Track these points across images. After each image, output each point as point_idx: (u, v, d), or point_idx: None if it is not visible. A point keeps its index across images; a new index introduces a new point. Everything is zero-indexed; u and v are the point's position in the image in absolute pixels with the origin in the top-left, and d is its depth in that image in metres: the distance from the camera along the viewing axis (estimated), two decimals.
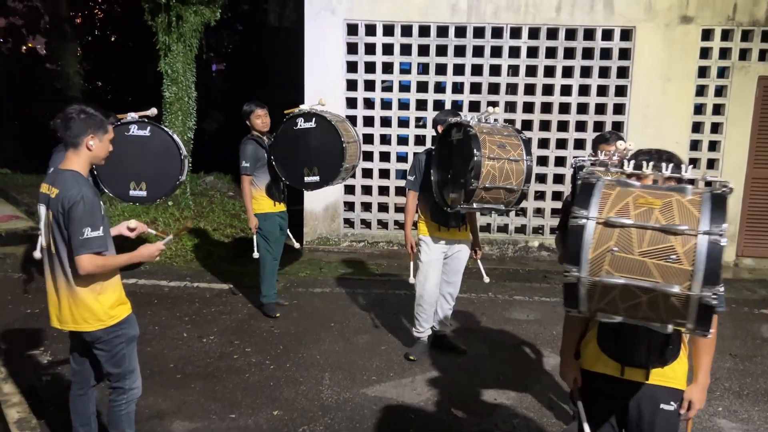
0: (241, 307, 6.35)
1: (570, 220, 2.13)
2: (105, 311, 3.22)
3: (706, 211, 2.05)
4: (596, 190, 2.19)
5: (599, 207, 2.14)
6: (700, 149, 8.55)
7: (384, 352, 5.39)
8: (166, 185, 5.01)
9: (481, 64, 8.43)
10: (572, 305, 2.19)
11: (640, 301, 2.07)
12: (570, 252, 2.12)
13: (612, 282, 2.07)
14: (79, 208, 3.04)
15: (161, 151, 4.91)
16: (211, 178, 11.38)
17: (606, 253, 2.08)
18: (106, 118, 3.29)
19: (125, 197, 5.06)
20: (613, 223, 2.09)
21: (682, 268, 2.00)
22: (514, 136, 4.52)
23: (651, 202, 2.11)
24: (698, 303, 2.00)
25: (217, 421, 4.20)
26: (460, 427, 4.25)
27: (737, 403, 4.71)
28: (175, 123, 9.06)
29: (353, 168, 5.95)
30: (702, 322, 2.04)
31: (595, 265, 2.09)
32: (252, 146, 5.86)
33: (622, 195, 2.17)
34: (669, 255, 2.02)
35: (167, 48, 8.95)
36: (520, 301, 6.83)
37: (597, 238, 2.10)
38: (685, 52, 8.26)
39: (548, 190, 8.67)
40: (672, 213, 2.07)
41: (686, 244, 2.01)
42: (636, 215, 2.09)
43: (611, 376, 2.65)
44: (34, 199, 10.26)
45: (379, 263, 8.06)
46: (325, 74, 8.43)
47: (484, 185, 4.25)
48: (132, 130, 4.88)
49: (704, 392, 2.70)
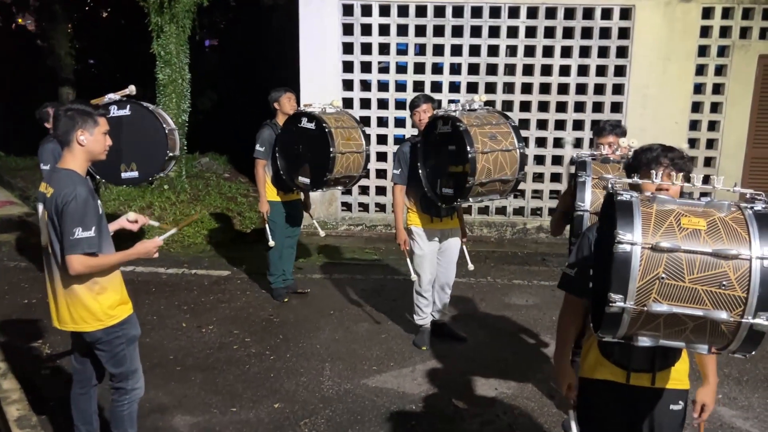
0: (239, 295, 6.33)
1: (615, 245, 2.00)
2: (104, 311, 3.18)
3: (755, 232, 1.97)
4: (635, 209, 2.05)
5: (643, 230, 2.01)
6: (699, 129, 8.50)
7: (384, 340, 5.38)
8: (156, 162, 4.95)
9: (479, 44, 8.33)
10: (610, 332, 2.10)
11: (686, 327, 2.01)
12: (616, 279, 2.00)
13: (660, 311, 1.98)
14: (71, 208, 2.98)
15: (145, 127, 4.86)
16: (206, 159, 11.28)
17: (654, 281, 1.98)
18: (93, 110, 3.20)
19: (118, 180, 5.01)
20: (662, 248, 1.98)
21: (735, 295, 1.93)
22: (503, 124, 4.46)
23: (695, 222, 2.00)
24: (749, 329, 1.95)
25: (218, 415, 4.20)
26: (461, 418, 4.25)
27: (737, 390, 4.72)
28: (169, 105, 8.97)
29: (349, 179, 5.68)
30: (748, 346, 2.00)
31: (642, 293, 1.99)
32: (268, 131, 5.84)
33: (663, 214, 2.05)
34: (721, 281, 1.94)
35: (160, 29, 8.82)
36: (519, 286, 6.83)
37: (644, 265, 1.98)
38: (686, 30, 8.17)
39: (547, 172, 8.62)
40: (720, 235, 1.98)
41: (739, 270, 1.94)
42: (683, 238, 1.98)
43: (615, 383, 2.61)
44: (28, 183, 10.21)
45: (377, 247, 8.04)
46: (321, 56, 8.31)
47: (480, 181, 4.20)
48: (112, 111, 4.81)
49: (715, 392, 2.69)
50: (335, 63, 8.37)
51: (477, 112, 4.51)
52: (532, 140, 8.52)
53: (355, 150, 5.48)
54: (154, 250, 3.28)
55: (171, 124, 5.03)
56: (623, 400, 2.64)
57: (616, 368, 2.61)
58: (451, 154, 4.44)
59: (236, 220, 8.75)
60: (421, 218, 5.08)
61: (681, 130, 8.38)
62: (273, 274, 6.12)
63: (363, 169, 5.67)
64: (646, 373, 2.57)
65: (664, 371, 2.58)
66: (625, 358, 2.57)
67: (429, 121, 4.73)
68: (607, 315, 2.04)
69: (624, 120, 8.36)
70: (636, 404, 2.63)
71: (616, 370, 2.61)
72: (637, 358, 2.55)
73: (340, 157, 5.31)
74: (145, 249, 3.26)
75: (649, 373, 2.57)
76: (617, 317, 2.03)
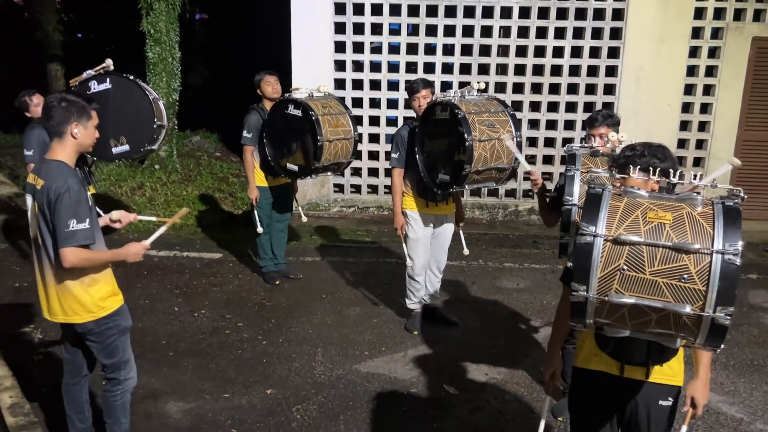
0: (231, 278, 6.33)
1: (578, 237, 2.07)
2: (95, 303, 3.18)
3: (720, 227, 1.99)
4: (603, 202, 2.10)
5: (607, 222, 2.06)
6: (692, 111, 8.49)
7: (376, 325, 5.41)
8: (145, 131, 4.91)
9: (473, 25, 8.25)
10: (578, 321, 2.15)
11: (650, 319, 2.04)
12: (578, 270, 2.06)
13: (621, 302, 2.02)
14: (65, 200, 2.97)
15: (129, 98, 4.82)
16: (197, 137, 11.19)
17: (615, 272, 2.02)
18: (88, 103, 3.18)
19: (110, 156, 4.96)
20: (623, 241, 2.02)
21: (695, 288, 1.96)
22: (501, 112, 4.45)
23: (662, 216, 2.03)
24: (710, 323, 1.97)
25: (211, 401, 4.23)
26: (452, 403, 4.30)
27: (723, 375, 4.79)
28: (159, 84, 8.87)
29: (338, 165, 5.61)
30: (713, 340, 2.01)
31: (604, 284, 2.04)
32: (255, 116, 5.79)
33: (631, 207, 2.09)
34: (682, 275, 1.97)
35: (149, 7, 8.69)
36: (510, 269, 6.86)
37: (606, 257, 2.03)
38: (680, 12, 8.12)
39: (539, 154, 8.62)
40: (684, 229, 2.01)
41: (699, 264, 1.96)
42: (646, 231, 2.02)
43: (609, 374, 2.64)
44: (17, 162, 10.10)
45: (369, 229, 8.04)
46: (313, 36, 8.21)
47: (476, 168, 4.20)
48: (93, 87, 4.76)
49: (707, 387, 2.70)
50: (327, 43, 8.28)
51: (476, 100, 4.50)
52: (525, 122, 8.49)
53: (343, 137, 5.42)
54: (142, 253, 3.28)
55: (153, 93, 4.98)
56: (615, 392, 2.68)
57: (610, 360, 2.65)
58: (449, 140, 4.43)
59: (228, 201, 8.72)
60: (416, 202, 5.08)
61: (674, 113, 8.38)
62: (262, 257, 6.12)
63: (352, 155, 5.63)
64: (641, 366, 2.60)
65: (659, 366, 2.61)
66: (620, 351, 2.61)
67: (427, 107, 4.72)
68: (572, 304, 2.12)
69: (617, 102, 8.36)
70: (627, 397, 2.66)
71: (611, 362, 2.65)
72: (632, 351, 2.59)
73: (328, 145, 5.27)
74: (134, 251, 3.25)
75: (643, 366, 2.60)
76: (582, 306, 2.10)
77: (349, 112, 5.61)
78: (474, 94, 4.56)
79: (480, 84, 4.55)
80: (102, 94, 4.71)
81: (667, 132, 8.30)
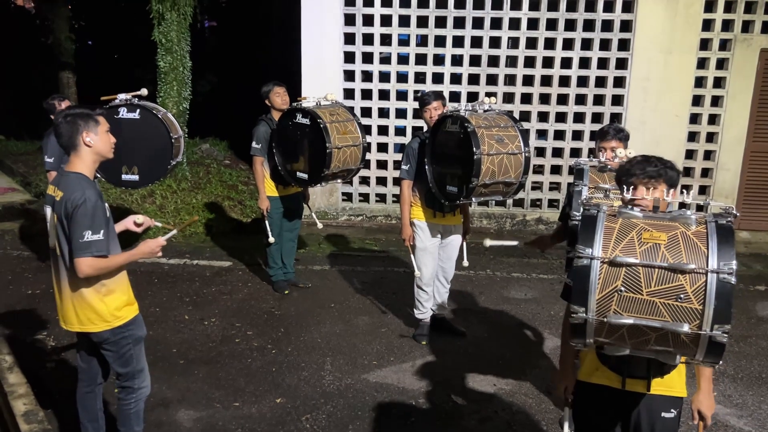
0: (241, 286, 6.38)
1: (575, 259, 2.11)
2: (111, 312, 3.24)
3: (714, 246, 2.03)
4: (598, 224, 2.15)
5: (603, 244, 2.10)
6: (699, 123, 8.50)
7: (384, 334, 5.44)
8: (158, 169, 4.99)
9: (481, 36, 8.31)
10: (579, 340, 2.19)
11: (649, 338, 2.08)
12: (576, 292, 2.10)
13: (620, 322, 2.06)
14: (81, 211, 3.03)
15: (151, 134, 4.89)
16: (206, 145, 11.28)
17: (613, 294, 2.06)
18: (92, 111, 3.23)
19: (117, 181, 5.04)
20: (620, 263, 2.06)
21: (692, 308, 2.00)
22: (511, 127, 4.50)
23: (656, 237, 2.08)
24: (708, 341, 2.01)
25: (221, 410, 4.27)
26: (460, 414, 4.33)
27: (732, 387, 4.79)
28: (170, 93, 8.96)
29: (347, 172, 5.65)
30: (712, 356, 2.05)
31: (602, 305, 2.08)
32: (264, 127, 5.84)
33: (626, 228, 2.13)
34: (678, 294, 2.01)
35: (161, 16, 8.79)
36: (518, 279, 6.89)
37: (603, 279, 2.07)
38: (688, 23, 8.15)
39: (546, 164, 8.65)
40: (679, 249, 2.05)
41: (695, 283, 2.00)
42: (642, 253, 2.06)
43: (611, 388, 2.67)
44: (30, 169, 10.19)
45: (377, 238, 8.08)
46: (323, 46, 8.29)
47: (483, 182, 4.24)
48: (122, 113, 4.84)
49: (711, 398, 2.73)
50: (337, 53, 8.36)
51: (486, 114, 4.54)
52: (533, 132, 8.53)
53: (351, 143, 5.47)
54: (157, 250, 3.33)
55: (178, 131, 5.05)
56: (618, 405, 2.71)
57: (612, 374, 2.67)
58: (458, 153, 4.48)
59: (237, 209, 8.78)
60: (424, 212, 5.13)
61: (681, 124, 8.40)
62: (272, 267, 6.17)
63: (361, 161, 5.66)
64: (642, 379, 2.63)
65: (660, 378, 2.64)
66: (622, 364, 2.63)
67: (438, 119, 4.77)
68: (572, 325, 2.16)
69: (625, 112, 8.39)
70: (630, 409, 2.69)
71: (612, 376, 2.67)
72: (632, 365, 2.61)
73: (336, 152, 5.32)
74: (149, 248, 3.31)
75: (644, 379, 2.63)
76: (581, 327, 2.14)
77: (357, 119, 5.65)
78: (485, 107, 4.61)
79: (492, 99, 4.60)
80: (129, 122, 4.80)
81: (674, 143, 8.33)
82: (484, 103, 4.59)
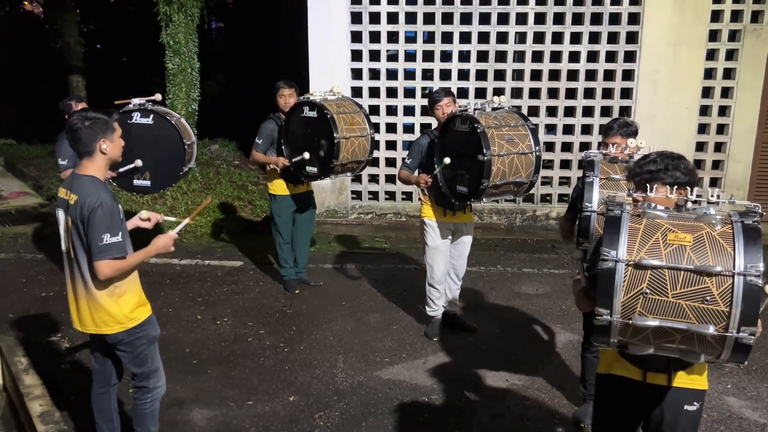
0: (252, 286, 6.41)
1: (599, 262, 2.08)
2: (125, 314, 3.26)
3: (741, 247, 2.00)
4: (623, 225, 2.12)
5: (628, 246, 2.08)
6: (710, 114, 8.46)
7: (396, 331, 5.45)
8: (170, 175, 4.99)
9: (488, 31, 8.30)
10: (603, 341, 2.17)
11: (674, 339, 2.06)
12: (601, 294, 2.08)
13: (646, 324, 2.05)
14: (98, 214, 3.05)
15: (164, 140, 4.88)
16: (216, 146, 11.32)
17: (638, 296, 2.04)
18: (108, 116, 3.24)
19: (129, 187, 5.03)
20: (645, 265, 2.04)
21: (718, 310, 1.98)
22: (521, 125, 4.48)
23: (682, 238, 2.05)
24: (734, 342, 1.99)
25: (235, 409, 4.29)
26: (473, 410, 4.32)
27: (746, 380, 4.77)
28: (178, 95, 9.01)
29: (356, 164, 5.62)
30: (737, 357, 2.04)
31: (627, 308, 2.06)
32: (272, 125, 5.84)
33: (651, 230, 2.10)
34: (704, 297, 1.99)
35: (168, 19, 8.83)
36: (529, 274, 6.87)
37: (628, 281, 2.05)
38: (696, 15, 8.11)
39: (556, 159, 8.63)
40: (705, 251, 2.02)
41: (722, 285, 1.98)
42: (667, 255, 2.03)
43: (631, 380, 2.66)
44: (41, 173, 10.28)
45: (387, 236, 8.09)
46: (330, 45, 8.31)
47: (494, 183, 4.23)
48: (135, 118, 4.85)
49: None
50: (344, 52, 8.37)
51: (496, 113, 4.52)
52: (542, 127, 8.51)
53: (359, 134, 5.46)
54: (170, 244, 3.34)
55: (191, 137, 5.04)
56: (638, 398, 2.69)
57: (632, 366, 2.66)
58: (468, 154, 4.46)
59: (247, 209, 8.82)
60: (434, 211, 5.12)
61: (691, 116, 8.36)
62: (283, 266, 6.18)
63: (369, 153, 5.64)
64: (663, 372, 2.62)
65: (681, 371, 2.62)
66: (642, 357, 2.61)
67: (447, 119, 4.76)
68: (596, 327, 2.14)
69: (634, 106, 8.35)
70: (651, 402, 2.68)
71: (633, 368, 2.66)
72: (654, 358, 2.59)
73: (344, 142, 5.30)
74: (163, 243, 3.32)
75: (665, 373, 2.61)
76: (606, 329, 2.12)
77: (364, 111, 5.65)
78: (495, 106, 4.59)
79: (501, 98, 4.57)
80: (142, 127, 4.81)
81: (684, 135, 8.29)
82: (494, 102, 4.57)
